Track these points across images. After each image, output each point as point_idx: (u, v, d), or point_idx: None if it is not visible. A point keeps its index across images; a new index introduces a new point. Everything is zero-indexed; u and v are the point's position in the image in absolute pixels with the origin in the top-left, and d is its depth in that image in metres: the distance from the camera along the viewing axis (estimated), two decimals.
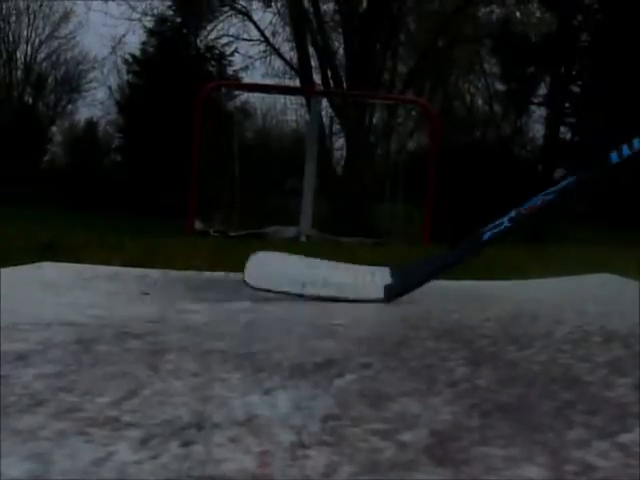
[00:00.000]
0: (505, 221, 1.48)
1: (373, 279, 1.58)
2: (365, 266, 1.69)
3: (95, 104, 21.72)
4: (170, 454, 0.57)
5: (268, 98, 19.88)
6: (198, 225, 7.52)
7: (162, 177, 15.53)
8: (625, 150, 1.41)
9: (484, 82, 19.78)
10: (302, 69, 15.77)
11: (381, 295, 1.52)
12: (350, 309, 1.45)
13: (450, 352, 1.02)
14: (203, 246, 4.25)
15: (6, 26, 21.09)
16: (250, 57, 17.64)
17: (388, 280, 1.55)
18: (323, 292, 1.53)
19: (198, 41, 18.44)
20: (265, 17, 19.82)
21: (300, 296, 1.50)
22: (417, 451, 0.59)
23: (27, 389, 0.73)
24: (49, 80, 21.74)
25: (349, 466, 0.56)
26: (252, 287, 1.51)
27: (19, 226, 5.87)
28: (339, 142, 18.43)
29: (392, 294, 1.52)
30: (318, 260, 1.74)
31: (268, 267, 1.63)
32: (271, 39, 17.22)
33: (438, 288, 1.62)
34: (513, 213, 1.48)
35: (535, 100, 18.46)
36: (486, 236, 1.49)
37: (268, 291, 1.52)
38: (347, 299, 1.51)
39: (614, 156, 1.42)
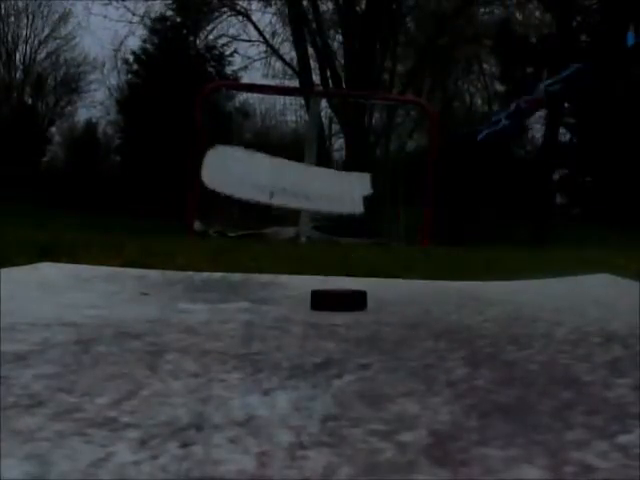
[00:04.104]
0: (502, 118, 1.28)
1: (351, 188, 1.43)
2: (343, 172, 1.50)
3: (95, 105, 21.69)
4: (169, 455, 0.57)
5: (267, 98, 19.85)
6: (197, 225, 7.51)
7: (161, 178, 15.52)
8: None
9: (483, 82, 19.78)
10: (301, 69, 15.76)
11: (360, 207, 1.39)
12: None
13: (449, 352, 1.02)
14: (202, 246, 4.25)
15: (5, 26, 21.09)
16: (249, 57, 17.65)
17: (368, 189, 1.42)
18: (293, 203, 1.38)
19: (198, 41, 18.45)
20: (265, 17, 19.86)
21: (269, 205, 1.34)
22: (416, 452, 0.59)
23: (26, 390, 0.73)
24: (48, 81, 21.73)
25: (348, 467, 0.56)
26: (210, 187, 1.34)
27: (18, 227, 5.87)
28: (338, 142, 18.45)
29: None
30: (289, 162, 1.55)
31: (230, 166, 1.45)
32: (270, 40, 17.24)
33: (438, 288, 1.62)
34: (512, 108, 1.28)
35: None
36: (482, 135, 1.31)
37: (229, 197, 1.34)
38: (320, 212, 1.36)
39: (630, 37, 1.18)
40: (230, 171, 1.29)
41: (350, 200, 1.33)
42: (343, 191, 1.33)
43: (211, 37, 18.38)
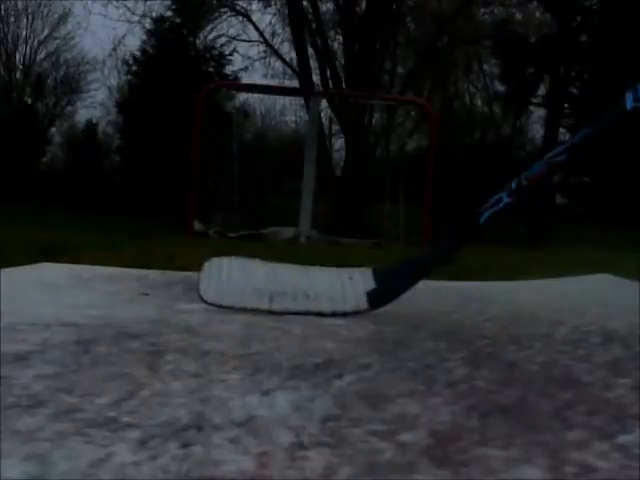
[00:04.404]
0: (504, 197, 1.22)
1: (352, 284, 1.33)
2: (343, 269, 1.43)
3: (95, 105, 21.72)
4: (169, 455, 0.57)
5: (267, 99, 19.90)
6: (197, 226, 7.51)
7: (161, 178, 15.52)
8: None
9: (483, 83, 19.80)
10: (301, 70, 15.77)
11: (364, 303, 1.28)
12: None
13: (449, 352, 1.02)
14: (202, 247, 4.25)
15: (5, 27, 21.10)
16: (249, 58, 17.66)
17: (371, 284, 1.30)
18: (294, 306, 1.27)
19: (197, 42, 18.45)
20: (264, 18, 19.86)
21: (269, 312, 1.26)
22: (416, 452, 0.59)
23: (26, 390, 0.73)
24: (48, 81, 21.75)
25: (348, 467, 0.56)
26: (208, 303, 1.27)
27: (18, 227, 5.87)
28: (338, 143, 18.46)
29: (377, 301, 1.27)
30: (286, 265, 1.48)
31: (226, 277, 1.37)
32: (270, 40, 17.24)
33: (438, 288, 1.62)
34: (513, 186, 1.21)
35: (534, 101, 18.48)
36: (484, 218, 1.24)
37: (229, 308, 1.27)
38: (323, 313, 1.26)
39: (629, 100, 1.12)
40: (228, 281, 1.24)
41: (354, 296, 1.26)
42: (345, 288, 1.25)
43: (211, 37, 18.40)
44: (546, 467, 0.56)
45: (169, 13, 18.09)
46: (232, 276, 1.38)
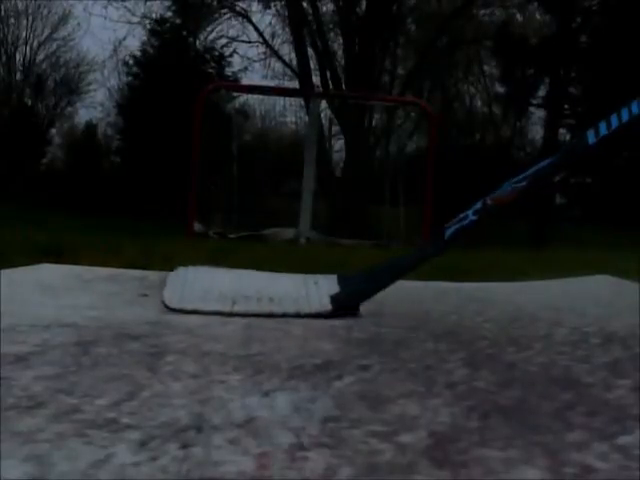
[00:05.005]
0: (470, 214, 1.31)
1: (317, 288, 1.37)
2: (309, 275, 1.48)
3: (95, 106, 21.68)
4: (169, 456, 0.57)
5: (267, 100, 19.86)
6: (197, 227, 7.51)
7: (161, 179, 15.52)
8: (602, 128, 1.22)
9: (483, 84, 19.80)
10: (301, 71, 15.77)
11: (327, 307, 1.30)
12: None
13: (449, 353, 1.02)
14: (202, 247, 4.25)
15: (5, 27, 21.10)
16: (249, 59, 17.66)
17: (335, 289, 1.35)
18: (257, 308, 1.29)
19: (197, 43, 18.45)
20: (264, 18, 19.87)
21: (230, 315, 1.26)
22: (416, 453, 0.59)
23: (26, 391, 0.73)
24: (48, 82, 21.73)
25: (348, 468, 0.56)
26: (171, 309, 1.28)
27: (18, 228, 5.87)
28: (338, 144, 18.47)
29: (340, 305, 1.31)
30: (252, 272, 1.52)
31: (190, 283, 1.39)
32: (270, 41, 17.24)
33: (438, 289, 1.62)
34: (478, 204, 1.31)
35: (534, 102, 18.48)
36: (449, 232, 1.31)
37: (192, 312, 1.27)
38: (286, 314, 1.28)
39: (590, 136, 1.24)
40: (192, 288, 1.26)
41: (318, 299, 1.27)
42: (309, 291, 1.27)
43: (210, 38, 18.41)
44: (546, 468, 0.57)
45: (169, 14, 18.10)
46: (196, 283, 1.40)
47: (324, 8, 16.73)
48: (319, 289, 1.36)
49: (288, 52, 17.20)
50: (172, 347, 1.00)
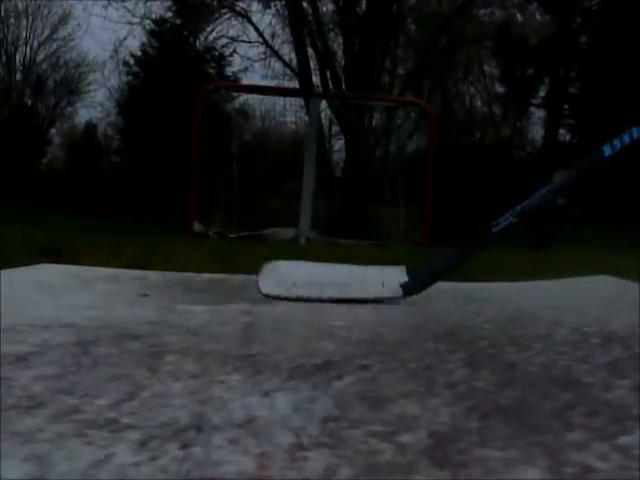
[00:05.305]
0: (510, 217, 1.55)
1: (390, 278, 1.61)
2: (381, 266, 1.76)
3: (95, 106, 21.66)
4: (169, 456, 0.57)
5: (267, 100, 19.84)
6: (197, 227, 7.51)
7: (161, 179, 15.52)
8: (617, 144, 1.47)
9: (483, 84, 19.78)
10: (301, 71, 15.75)
11: (399, 293, 1.56)
12: (348, 310, 1.44)
13: (449, 353, 1.02)
14: (202, 247, 4.25)
15: (5, 28, 21.08)
16: (249, 59, 17.64)
17: (404, 278, 1.60)
18: (343, 294, 1.53)
19: (197, 43, 18.44)
20: (264, 18, 19.87)
21: (319, 300, 1.50)
22: (416, 453, 0.59)
23: (26, 391, 0.73)
24: (48, 82, 21.72)
25: (348, 468, 0.56)
26: (267, 296, 1.52)
27: (18, 228, 5.86)
28: (338, 144, 18.45)
29: (409, 292, 1.57)
30: (332, 264, 1.76)
31: (282, 274, 1.63)
32: (270, 41, 17.23)
33: (438, 290, 1.62)
34: (518, 208, 1.54)
35: (534, 102, 18.47)
36: (496, 230, 1.55)
37: (284, 299, 1.51)
38: (367, 299, 1.53)
39: (606, 149, 1.49)
40: (283, 278, 1.39)
41: (391, 287, 1.35)
42: (383, 281, 1.35)
43: (210, 38, 18.40)
44: (546, 468, 0.56)
45: (169, 14, 18.09)
46: (287, 273, 1.64)
47: (324, 8, 16.71)
48: (390, 279, 1.59)
49: (288, 52, 17.19)
50: (172, 347, 1.00)
